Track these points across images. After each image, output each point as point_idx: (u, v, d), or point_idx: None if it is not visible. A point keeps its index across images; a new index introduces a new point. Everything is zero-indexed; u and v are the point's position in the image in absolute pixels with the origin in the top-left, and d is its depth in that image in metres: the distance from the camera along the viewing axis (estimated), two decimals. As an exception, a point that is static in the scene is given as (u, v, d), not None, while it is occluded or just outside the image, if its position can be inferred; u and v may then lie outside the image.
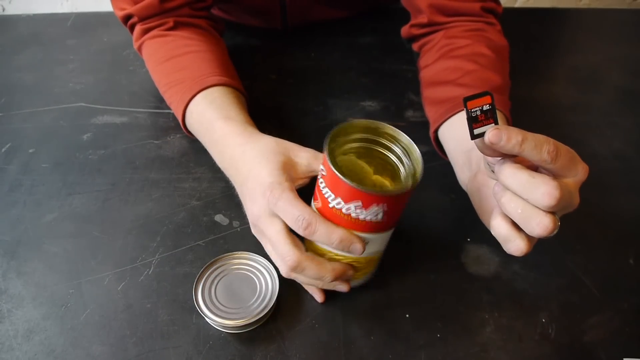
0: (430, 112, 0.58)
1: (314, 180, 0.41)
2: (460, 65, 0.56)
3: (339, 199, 0.36)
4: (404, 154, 0.39)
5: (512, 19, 0.84)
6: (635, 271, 0.47)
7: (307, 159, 0.45)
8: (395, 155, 0.39)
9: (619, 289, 0.46)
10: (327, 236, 0.38)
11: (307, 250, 0.42)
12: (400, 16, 0.70)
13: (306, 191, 0.43)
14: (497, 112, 0.48)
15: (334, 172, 0.35)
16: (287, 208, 0.39)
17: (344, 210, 0.37)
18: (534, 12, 0.95)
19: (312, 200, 0.40)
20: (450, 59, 0.58)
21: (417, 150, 0.38)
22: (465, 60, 0.57)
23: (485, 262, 0.48)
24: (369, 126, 0.39)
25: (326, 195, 0.37)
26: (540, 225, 0.34)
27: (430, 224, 0.52)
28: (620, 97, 0.70)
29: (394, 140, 0.39)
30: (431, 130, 0.56)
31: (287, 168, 0.43)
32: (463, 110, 0.50)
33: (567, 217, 0.50)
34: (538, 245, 0.49)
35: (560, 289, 0.46)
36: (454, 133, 0.53)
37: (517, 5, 1.76)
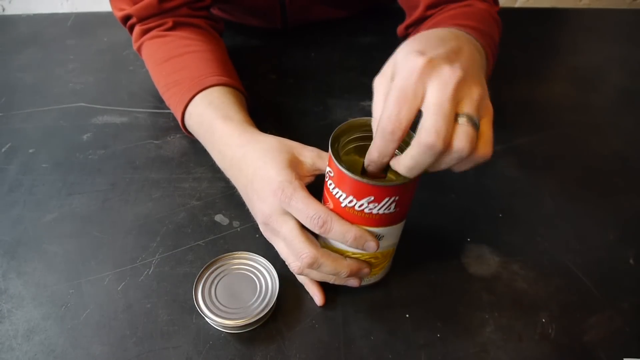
0: None
1: (319, 178, 0.41)
2: (439, 22, 0.58)
3: (351, 197, 0.36)
4: (405, 143, 0.39)
5: (512, 19, 0.84)
6: (635, 271, 0.47)
7: (311, 157, 0.45)
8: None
9: (619, 289, 0.46)
10: (342, 234, 0.38)
11: (322, 247, 0.42)
12: (401, 16, 0.70)
13: (313, 189, 0.43)
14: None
15: (343, 172, 0.35)
16: (300, 207, 0.39)
17: (357, 207, 0.37)
18: (534, 12, 0.95)
19: (323, 203, 0.40)
20: (432, 25, 0.60)
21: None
22: (445, 20, 0.58)
23: (485, 262, 0.48)
24: (367, 123, 0.39)
25: (337, 196, 0.37)
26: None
27: (430, 224, 0.52)
28: (620, 97, 0.70)
29: None
30: None
31: (294, 166, 0.43)
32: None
33: (567, 217, 0.50)
34: (538, 245, 0.50)
35: (560, 289, 0.46)
36: None
37: (517, 5, 1.76)
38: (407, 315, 0.44)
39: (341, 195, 0.37)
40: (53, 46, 0.79)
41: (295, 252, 0.40)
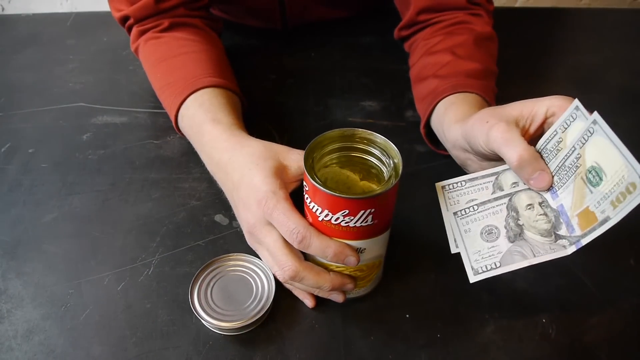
0: (418, 110, 0.61)
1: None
2: (438, 60, 0.58)
3: (326, 211, 0.36)
4: (382, 153, 0.39)
5: (512, 19, 0.84)
6: (636, 271, 0.47)
7: (297, 161, 0.44)
8: (374, 157, 0.39)
9: (619, 289, 0.46)
10: (321, 250, 0.38)
11: (306, 259, 0.42)
12: (400, 17, 0.70)
13: (300, 197, 0.43)
14: (475, 95, 0.53)
15: (315, 186, 0.35)
16: (282, 219, 0.39)
17: (333, 221, 0.37)
18: (534, 12, 0.95)
19: (305, 217, 0.40)
20: (430, 55, 0.60)
21: (394, 147, 0.38)
22: (443, 54, 0.59)
23: (486, 262, 0.48)
24: (343, 134, 0.39)
25: (314, 210, 0.37)
26: None
27: (430, 223, 0.52)
28: (620, 97, 0.70)
29: (370, 142, 0.39)
30: (421, 125, 0.57)
31: (279, 173, 0.43)
32: (442, 100, 0.54)
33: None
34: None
35: (560, 289, 0.46)
36: (436, 130, 0.55)
37: (517, 5, 1.76)
38: (407, 315, 0.44)
39: (317, 209, 0.37)
40: (52, 46, 0.79)
41: (278, 264, 0.40)
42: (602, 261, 0.48)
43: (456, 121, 0.49)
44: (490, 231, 0.41)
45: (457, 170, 0.57)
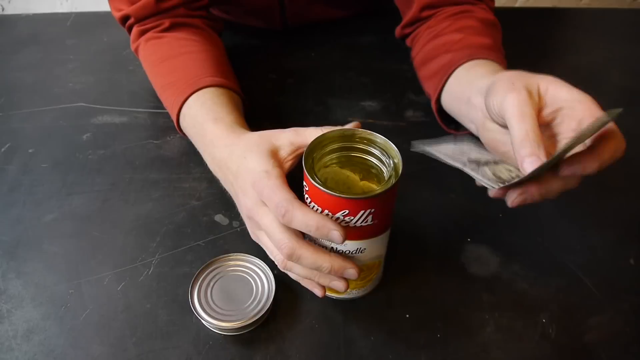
0: (428, 88, 0.60)
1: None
2: (448, 39, 0.59)
3: (326, 211, 0.36)
4: (382, 153, 0.39)
5: (512, 19, 0.84)
6: (636, 271, 0.47)
7: (288, 138, 0.43)
8: (375, 157, 0.39)
9: (620, 289, 0.46)
10: (304, 223, 0.36)
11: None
12: (401, 16, 0.70)
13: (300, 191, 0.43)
14: (494, 62, 0.53)
15: (315, 186, 0.35)
16: (270, 195, 0.38)
17: None
18: (534, 12, 0.95)
19: None
20: (438, 37, 0.60)
21: (394, 147, 0.38)
22: (452, 34, 0.59)
23: (485, 262, 0.48)
24: (344, 134, 0.39)
25: (314, 210, 0.37)
26: None
27: (430, 224, 0.52)
28: (620, 97, 0.70)
29: (370, 142, 0.39)
30: (432, 102, 0.57)
31: (274, 154, 0.42)
32: (459, 67, 0.53)
33: (567, 217, 0.50)
34: (538, 245, 0.50)
35: (560, 289, 0.46)
36: (451, 94, 0.55)
37: (517, 5, 1.76)
38: (407, 315, 0.44)
39: (317, 210, 0.37)
40: (52, 46, 0.79)
41: (276, 244, 0.39)
42: (602, 261, 0.48)
43: (483, 75, 0.49)
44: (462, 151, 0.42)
45: (457, 171, 0.57)
